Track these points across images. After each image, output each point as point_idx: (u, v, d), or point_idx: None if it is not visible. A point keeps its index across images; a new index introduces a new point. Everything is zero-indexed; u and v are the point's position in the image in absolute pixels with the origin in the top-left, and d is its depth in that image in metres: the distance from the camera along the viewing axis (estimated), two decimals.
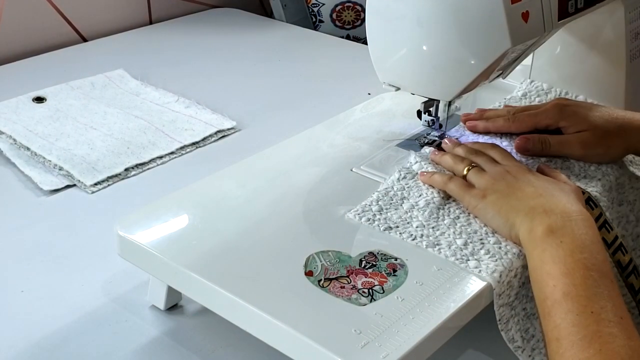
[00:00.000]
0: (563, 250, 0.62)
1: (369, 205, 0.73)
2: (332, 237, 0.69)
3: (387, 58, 0.81)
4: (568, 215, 0.65)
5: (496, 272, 0.64)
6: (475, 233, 0.69)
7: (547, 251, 0.63)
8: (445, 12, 0.74)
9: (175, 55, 1.38)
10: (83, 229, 0.87)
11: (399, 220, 0.71)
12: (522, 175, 0.72)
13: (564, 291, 0.60)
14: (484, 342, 0.73)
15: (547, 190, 0.69)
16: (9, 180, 0.96)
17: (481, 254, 0.67)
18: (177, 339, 0.71)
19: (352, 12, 1.66)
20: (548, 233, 0.64)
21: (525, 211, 0.67)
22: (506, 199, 0.69)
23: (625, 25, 0.92)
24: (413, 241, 0.68)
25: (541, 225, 0.65)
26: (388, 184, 0.76)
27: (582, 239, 0.63)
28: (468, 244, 0.68)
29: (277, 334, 0.60)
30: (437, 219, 0.71)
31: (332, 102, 1.18)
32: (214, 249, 0.68)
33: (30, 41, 1.38)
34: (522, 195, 0.69)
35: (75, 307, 0.75)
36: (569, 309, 0.58)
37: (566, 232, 0.64)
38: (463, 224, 0.71)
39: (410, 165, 0.79)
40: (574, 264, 0.61)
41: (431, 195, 0.74)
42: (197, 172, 0.92)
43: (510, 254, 0.67)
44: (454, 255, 0.67)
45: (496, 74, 0.82)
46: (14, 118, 1.07)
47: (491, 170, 0.74)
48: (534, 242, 0.65)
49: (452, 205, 0.73)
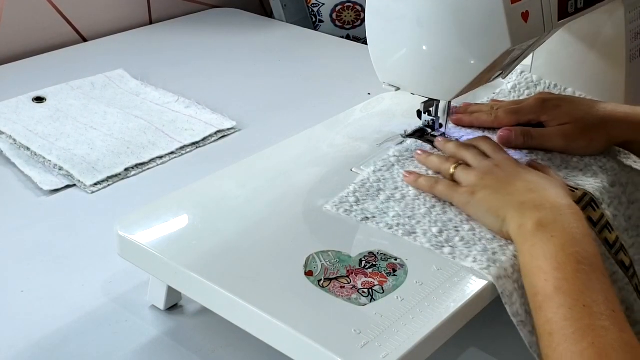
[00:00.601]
0: (554, 245, 0.62)
1: (346, 197, 0.74)
2: (332, 237, 0.69)
3: (387, 58, 0.81)
4: (558, 210, 0.65)
5: (470, 257, 0.66)
6: (450, 221, 0.71)
7: (538, 246, 0.63)
8: (445, 12, 0.74)
9: (175, 55, 1.38)
10: (83, 229, 0.87)
11: (375, 211, 0.72)
12: (512, 169, 0.72)
13: (555, 285, 0.59)
14: (485, 341, 0.73)
15: (538, 185, 0.69)
16: (9, 180, 0.96)
17: (456, 241, 0.68)
18: (177, 339, 0.72)
19: (352, 12, 1.66)
20: (538, 227, 0.64)
21: (515, 206, 0.67)
22: (496, 195, 0.69)
23: (625, 25, 0.92)
24: (389, 230, 0.70)
25: (531, 220, 0.65)
26: (364, 176, 0.78)
27: (573, 232, 0.63)
28: (443, 232, 0.69)
29: (277, 334, 0.60)
30: (413, 209, 0.73)
31: (332, 102, 1.18)
32: (214, 249, 0.68)
33: (30, 41, 1.38)
34: (512, 190, 0.69)
35: (75, 307, 0.75)
36: (560, 303, 0.58)
37: (557, 226, 0.64)
38: (439, 213, 0.72)
39: (388, 157, 0.81)
40: (565, 258, 0.61)
41: (407, 189, 0.75)
42: (197, 172, 0.92)
43: (484, 240, 0.68)
44: (429, 242, 0.68)
45: (496, 74, 0.82)
46: (14, 118, 1.07)
47: (479, 165, 0.74)
48: (524, 236, 0.65)
49: (428, 194, 0.75)
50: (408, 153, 0.82)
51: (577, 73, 0.96)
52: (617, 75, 0.94)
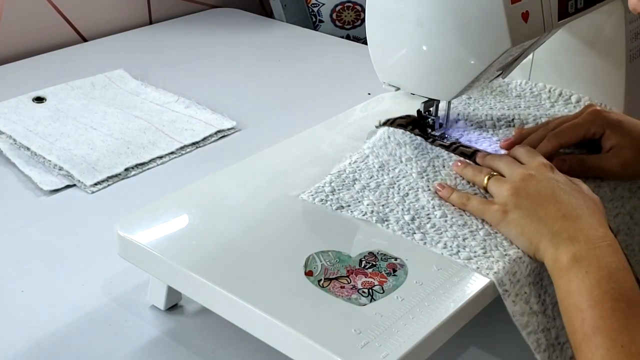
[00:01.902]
0: (589, 281, 0.61)
1: (322, 187, 0.75)
2: (332, 237, 0.69)
3: (387, 58, 0.81)
4: (593, 242, 0.63)
5: (440, 243, 0.67)
6: (423, 208, 0.72)
7: (573, 282, 0.61)
8: (445, 12, 0.74)
9: (175, 55, 1.38)
10: (83, 229, 0.87)
11: (350, 200, 0.74)
12: (545, 183, 0.69)
13: (592, 325, 0.59)
14: (485, 340, 0.73)
15: (571, 209, 0.66)
16: (9, 180, 0.96)
17: (427, 228, 0.70)
18: (177, 339, 0.71)
19: (352, 12, 1.66)
20: (573, 263, 0.62)
21: (549, 236, 0.65)
22: (528, 219, 0.67)
23: (625, 25, 0.92)
24: (363, 217, 0.71)
25: (566, 254, 0.63)
26: (340, 167, 0.78)
27: (609, 267, 0.61)
28: (415, 219, 0.71)
29: (277, 334, 0.60)
30: (387, 198, 0.74)
31: (332, 102, 1.18)
32: (214, 249, 0.68)
33: (30, 41, 1.38)
34: (544, 214, 0.67)
35: (75, 307, 0.75)
36: (598, 343, 0.58)
37: (592, 261, 0.62)
38: (412, 201, 0.73)
39: (362, 149, 0.81)
40: (602, 295, 0.60)
41: (382, 178, 0.76)
42: (197, 172, 0.92)
43: (455, 227, 0.70)
44: (401, 229, 0.69)
45: (496, 74, 0.82)
46: (14, 118, 1.07)
47: (511, 176, 0.71)
48: (559, 272, 0.63)
49: (401, 182, 0.76)
50: (381, 142, 0.83)
51: (577, 73, 0.96)
52: (617, 75, 0.94)
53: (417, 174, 0.77)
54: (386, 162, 0.79)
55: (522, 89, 0.98)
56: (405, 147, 0.81)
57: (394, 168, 0.78)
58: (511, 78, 0.99)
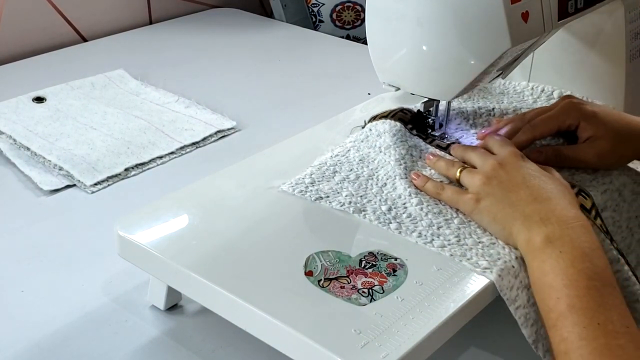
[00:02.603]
0: (563, 261, 0.61)
1: (302, 178, 0.76)
2: (332, 237, 0.69)
3: (387, 58, 0.81)
4: (565, 223, 0.64)
5: (415, 232, 0.69)
6: (400, 198, 0.73)
7: (547, 262, 0.62)
8: (445, 12, 0.74)
9: (175, 55, 1.38)
10: (83, 229, 0.87)
11: (329, 191, 0.75)
12: (516, 171, 0.70)
13: (568, 303, 0.59)
14: (485, 340, 0.73)
15: (542, 193, 0.68)
16: (9, 180, 0.96)
17: (403, 217, 0.71)
18: (177, 339, 0.71)
19: (352, 12, 1.66)
20: (547, 243, 0.63)
21: (521, 219, 0.66)
22: (500, 205, 0.68)
23: (625, 25, 0.92)
24: (341, 207, 0.72)
25: (539, 235, 0.64)
26: (322, 160, 0.80)
27: (582, 247, 0.62)
28: (392, 209, 0.72)
29: (277, 334, 0.60)
30: (365, 189, 0.75)
31: (332, 102, 1.18)
32: (214, 249, 0.68)
33: (30, 41, 1.38)
34: (516, 199, 0.68)
35: (75, 307, 0.75)
36: (575, 321, 0.58)
37: (565, 241, 0.63)
38: (389, 191, 0.74)
39: (345, 143, 0.83)
40: (576, 274, 0.60)
41: (361, 170, 0.77)
42: (197, 172, 0.92)
43: (430, 215, 0.71)
44: (377, 219, 0.70)
45: (496, 74, 0.82)
46: (14, 118, 1.07)
47: (483, 167, 0.73)
48: (532, 253, 0.64)
49: (380, 173, 0.77)
50: (362, 136, 0.84)
51: (577, 73, 0.96)
52: (617, 75, 0.94)
53: (395, 160, 0.78)
54: (366, 155, 0.80)
55: (505, 87, 0.98)
56: (385, 136, 0.82)
57: (374, 159, 0.79)
58: (511, 78, 0.99)
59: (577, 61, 0.96)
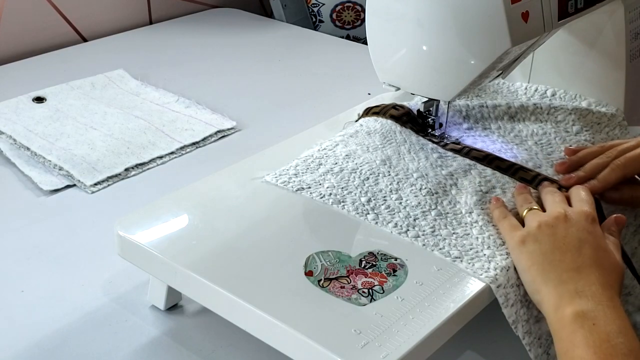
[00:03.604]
0: (597, 334, 0.58)
1: (287, 170, 0.77)
2: (332, 237, 0.69)
3: (387, 58, 0.81)
4: (599, 300, 0.61)
5: (391, 223, 0.70)
6: (380, 191, 0.74)
7: (579, 333, 0.59)
8: (445, 12, 0.74)
9: (175, 55, 1.38)
10: (83, 229, 0.87)
11: (312, 182, 0.76)
12: (576, 231, 0.66)
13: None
14: (483, 344, 0.73)
15: (587, 263, 0.64)
16: (9, 180, 0.96)
17: (381, 209, 0.72)
18: (177, 339, 0.71)
19: (352, 12, 1.66)
20: (579, 314, 0.60)
21: (554, 282, 0.63)
22: (542, 257, 0.65)
23: (625, 25, 0.92)
24: (321, 199, 0.73)
25: (570, 306, 0.61)
26: (308, 153, 0.80)
27: (616, 323, 0.59)
28: (371, 201, 0.73)
29: (277, 334, 0.60)
30: (347, 181, 0.76)
31: (332, 102, 1.18)
32: (214, 249, 0.68)
33: (30, 41, 1.38)
34: (559, 259, 0.64)
35: (75, 307, 0.75)
36: None
37: (598, 314, 0.60)
38: (371, 185, 0.75)
39: (334, 138, 0.83)
40: (611, 349, 0.57)
41: (346, 164, 0.78)
42: (197, 172, 0.92)
43: (408, 207, 0.72)
44: (355, 210, 0.72)
45: (496, 73, 0.82)
46: (14, 118, 1.07)
47: (548, 213, 0.69)
48: (561, 322, 0.61)
49: (364, 168, 0.77)
50: (352, 131, 0.84)
51: (577, 73, 0.96)
52: (617, 75, 0.94)
53: (381, 161, 0.78)
54: (353, 152, 0.81)
55: (499, 87, 0.98)
56: (375, 136, 0.82)
57: (360, 156, 0.80)
58: (511, 78, 0.99)
59: (577, 61, 0.96)
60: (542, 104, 0.91)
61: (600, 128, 0.91)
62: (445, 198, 0.74)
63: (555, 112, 0.90)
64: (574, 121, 0.89)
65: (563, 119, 0.90)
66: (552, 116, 0.90)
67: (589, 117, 0.91)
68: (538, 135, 0.85)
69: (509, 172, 0.79)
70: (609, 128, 0.91)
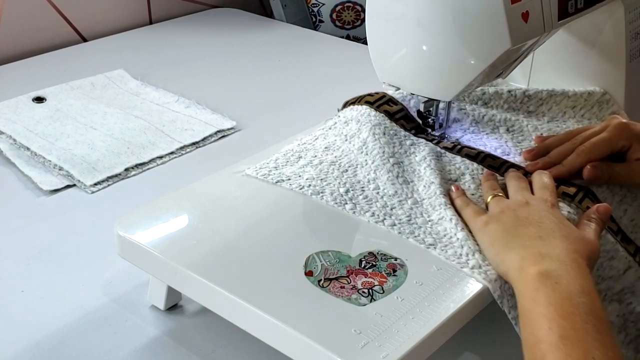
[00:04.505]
0: (560, 293, 0.58)
1: (267, 163, 0.79)
2: (332, 237, 0.69)
3: (387, 58, 0.81)
4: (563, 261, 0.61)
5: (369, 212, 0.71)
6: (359, 182, 0.76)
7: (541, 291, 0.59)
8: (445, 12, 0.74)
9: (175, 55, 1.38)
10: (83, 229, 0.87)
11: (291, 174, 0.77)
12: (537, 212, 0.68)
13: (561, 334, 0.56)
14: (481, 345, 0.72)
15: (550, 234, 0.65)
16: (9, 180, 0.96)
17: (359, 199, 0.73)
18: (177, 339, 0.71)
19: (352, 12, 1.66)
20: (542, 272, 0.60)
21: (517, 249, 0.64)
22: (504, 232, 0.66)
23: (625, 25, 0.92)
24: (300, 190, 0.74)
25: (534, 265, 0.61)
26: (289, 147, 0.82)
27: (580, 283, 0.59)
28: (349, 191, 0.74)
29: (277, 334, 0.60)
30: (326, 173, 0.77)
31: (332, 102, 1.18)
32: (214, 249, 0.68)
33: (30, 41, 1.38)
34: (522, 233, 0.66)
35: (75, 307, 0.75)
36: (568, 352, 0.54)
37: (562, 274, 0.60)
38: (350, 176, 0.77)
39: (314, 132, 0.85)
40: (573, 307, 0.57)
41: (325, 157, 0.79)
42: (197, 172, 0.92)
43: (385, 197, 0.73)
44: (333, 200, 0.73)
45: (496, 73, 0.82)
46: (14, 118, 1.07)
47: (511, 199, 0.71)
48: (525, 280, 0.61)
49: (343, 161, 0.78)
50: (331, 123, 0.86)
51: (577, 73, 0.96)
52: (617, 75, 0.94)
53: (358, 148, 0.79)
54: (332, 143, 0.82)
55: None
56: (352, 123, 0.83)
57: (339, 147, 0.81)
58: (511, 78, 0.99)
59: (577, 61, 0.96)
60: (516, 91, 0.91)
61: (576, 112, 0.91)
62: (420, 183, 0.75)
63: (529, 102, 0.91)
64: (545, 112, 0.91)
65: (535, 109, 0.90)
66: (525, 105, 0.91)
67: (564, 103, 0.92)
68: (510, 122, 0.86)
69: (477, 160, 0.80)
70: (585, 109, 0.92)
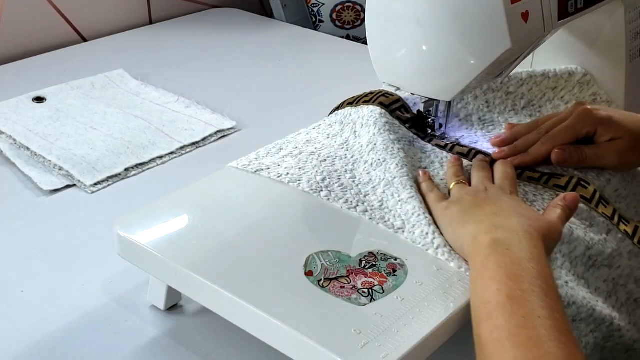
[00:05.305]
0: (510, 258, 0.60)
1: (249, 155, 0.81)
2: (332, 237, 0.69)
3: (387, 58, 0.81)
4: (515, 232, 0.63)
5: (342, 199, 0.73)
6: (336, 172, 0.77)
7: (492, 257, 0.60)
8: (445, 12, 0.74)
9: (175, 55, 1.38)
10: (83, 229, 0.87)
11: (270, 164, 0.78)
12: (495, 196, 0.70)
13: (508, 294, 0.56)
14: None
15: (505, 211, 0.66)
16: (9, 180, 0.96)
17: (335, 187, 0.75)
18: (177, 339, 0.71)
19: (352, 12, 1.66)
20: (494, 240, 0.62)
21: (472, 224, 0.65)
22: (462, 213, 0.68)
23: (625, 25, 0.92)
24: (278, 178, 0.76)
25: (486, 235, 0.63)
26: (273, 143, 0.84)
27: (530, 251, 0.60)
28: (326, 179, 0.76)
29: (277, 334, 0.60)
30: (305, 162, 0.79)
31: (332, 102, 1.18)
32: (214, 249, 0.68)
33: (30, 41, 1.38)
34: (478, 212, 0.67)
35: (75, 307, 0.75)
36: (514, 310, 0.55)
37: (513, 242, 0.61)
38: (327, 165, 0.78)
39: (298, 132, 0.87)
40: (521, 271, 0.58)
41: (305, 148, 0.81)
42: (197, 172, 0.92)
43: (360, 185, 0.75)
44: (310, 187, 0.75)
45: (496, 73, 0.82)
46: (14, 118, 1.07)
47: (473, 187, 0.73)
48: (477, 248, 0.62)
49: (323, 153, 0.80)
50: (316, 124, 0.88)
51: None
52: (617, 75, 0.94)
53: (339, 145, 0.82)
54: (314, 138, 0.84)
55: None
56: (335, 125, 0.86)
57: (320, 142, 0.83)
58: None
59: (577, 61, 0.96)
60: None
61: (556, 93, 0.92)
62: (393, 161, 0.76)
63: (509, 82, 0.91)
64: (524, 94, 0.91)
65: (515, 90, 0.91)
66: (505, 86, 0.91)
67: (544, 84, 0.92)
68: (483, 112, 0.87)
69: (447, 149, 0.83)
70: (565, 91, 0.92)
